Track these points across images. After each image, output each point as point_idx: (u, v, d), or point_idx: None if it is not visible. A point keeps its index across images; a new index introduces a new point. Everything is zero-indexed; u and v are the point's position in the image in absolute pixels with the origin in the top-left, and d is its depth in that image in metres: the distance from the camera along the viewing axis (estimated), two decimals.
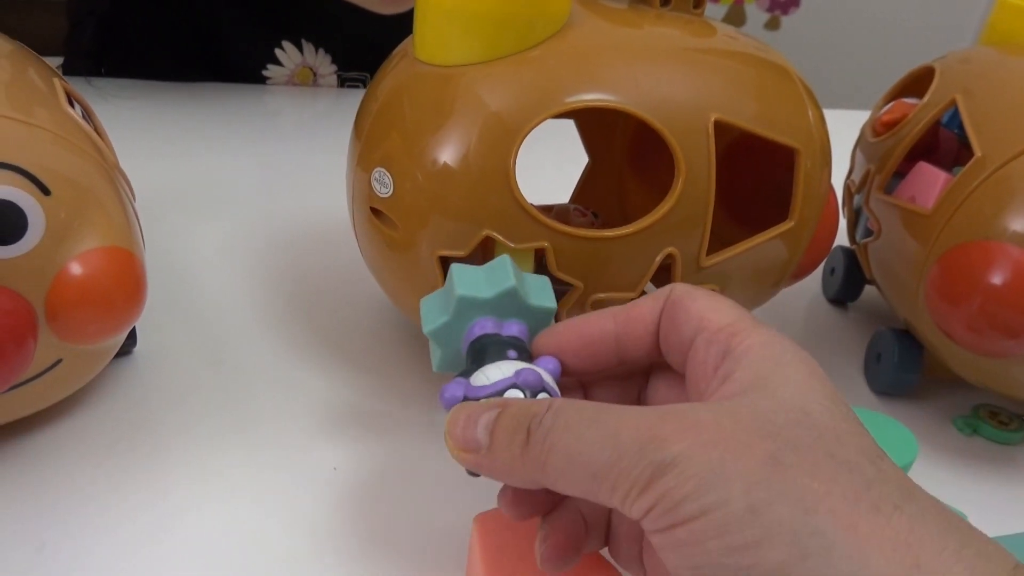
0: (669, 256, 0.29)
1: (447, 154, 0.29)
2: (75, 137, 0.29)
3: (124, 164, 0.34)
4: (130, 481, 0.30)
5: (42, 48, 0.66)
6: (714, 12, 1.36)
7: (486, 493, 0.31)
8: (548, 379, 0.23)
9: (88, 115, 0.34)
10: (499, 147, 0.28)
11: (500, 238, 0.28)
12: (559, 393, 0.24)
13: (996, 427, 0.38)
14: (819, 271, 0.50)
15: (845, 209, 0.45)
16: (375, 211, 0.31)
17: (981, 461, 0.37)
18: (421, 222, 0.30)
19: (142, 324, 0.37)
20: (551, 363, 0.24)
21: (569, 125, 0.42)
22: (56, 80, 0.31)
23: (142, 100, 0.62)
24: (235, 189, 0.53)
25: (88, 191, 0.28)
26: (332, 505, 0.30)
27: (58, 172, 0.27)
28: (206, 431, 0.32)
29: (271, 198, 0.53)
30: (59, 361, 0.28)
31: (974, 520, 0.30)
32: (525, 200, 0.28)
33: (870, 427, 0.33)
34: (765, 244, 0.31)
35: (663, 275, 0.31)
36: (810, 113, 0.32)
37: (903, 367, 0.39)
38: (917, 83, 0.42)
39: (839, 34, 1.40)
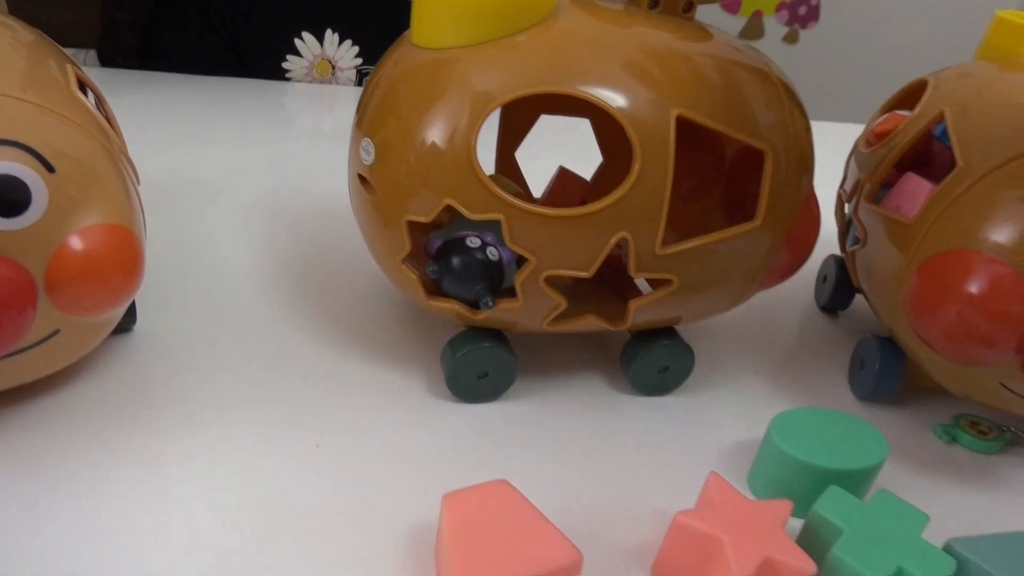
0: (623, 240, 0.31)
1: (416, 128, 0.30)
2: (82, 120, 0.30)
3: (138, 151, 0.35)
4: (124, 449, 0.31)
5: (73, 41, 0.69)
6: (734, 25, 1.37)
7: (461, 472, 0.32)
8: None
9: (100, 102, 0.36)
10: (463, 124, 0.30)
11: (459, 207, 0.30)
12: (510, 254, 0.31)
13: (975, 436, 0.38)
14: (812, 278, 0.51)
15: (836, 217, 0.46)
16: (362, 178, 0.33)
17: (958, 469, 0.37)
18: (393, 189, 0.32)
19: (143, 303, 0.38)
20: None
21: (586, 125, 0.43)
22: (69, 67, 0.33)
23: (162, 92, 0.64)
24: (242, 178, 0.55)
25: (92, 171, 0.29)
26: (312, 479, 0.31)
27: (63, 151, 0.28)
28: (198, 406, 0.34)
29: (276, 186, 0.54)
30: (57, 331, 0.29)
31: (944, 526, 0.31)
32: (484, 174, 0.30)
33: (842, 429, 0.34)
34: (727, 242, 0.32)
35: (621, 261, 0.32)
36: (787, 118, 0.33)
37: (884, 374, 0.39)
38: (912, 96, 0.42)
39: (857, 48, 1.39)
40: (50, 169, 0.28)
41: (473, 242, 0.33)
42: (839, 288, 0.47)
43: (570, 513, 0.31)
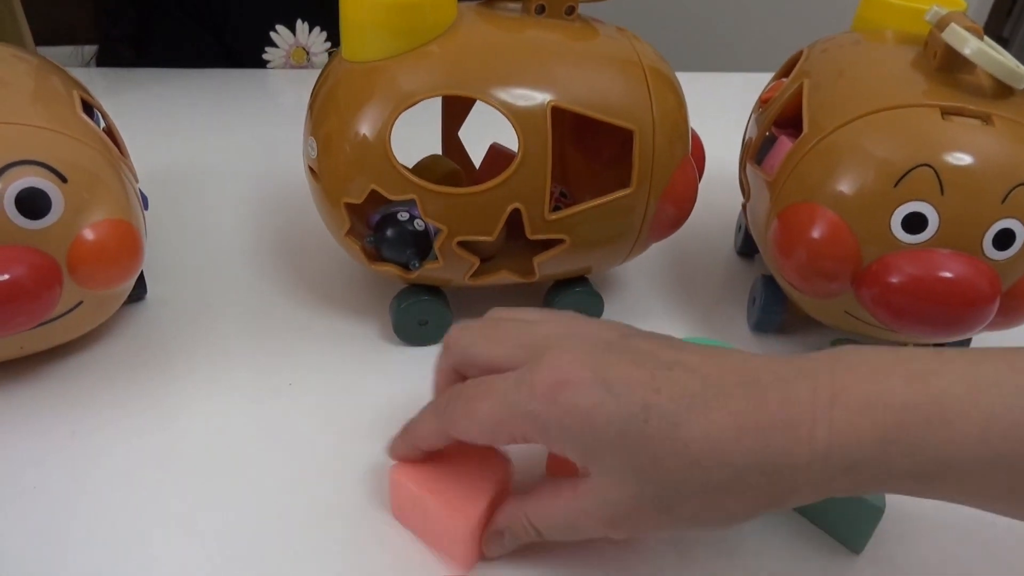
0: (516, 210, 0.38)
1: (351, 123, 0.38)
2: (87, 138, 0.38)
3: (140, 143, 0.43)
4: (140, 392, 0.40)
5: (71, 34, 0.77)
6: None
7: (406, 402, 0.40)
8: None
9: (103, 116, 0.44)
10: (378, 122, 0.37)
11: (381, 190, 0.38)
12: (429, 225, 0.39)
13: None
14: (733, 226, 0.57)
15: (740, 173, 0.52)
16: (311, 169, 0.41)
17: None
18: (333, 177, 0.39)
19: (153, 276, 0.47)
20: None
21: None
22: (75, 91, 0.41)
23: (158, 87, 0.72)
24: (233, 160, 0.63)
25: (97, 177, 0.38)
26: (288, 411, 0.40)
27: (73, 164, 0.37)
28: (199, 358, 0.43)
29: (262, 166, 0.62)
30: (80, 303, 0.38)
31: None
32: (398, 162, 0.37)
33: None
34: (607, 205, 0.40)
35: (518, 225, 0.39)
36: (654, 100, 0.39)
37: (768, 308, 0.46)
38: (792, 65, 0.48)
39: None
40: (63, 180, 0.36)
41: (403, 216, 0.41)
42: (751, 235, 0.54)
43: None
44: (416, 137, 0.47)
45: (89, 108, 0.43)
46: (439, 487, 0.33)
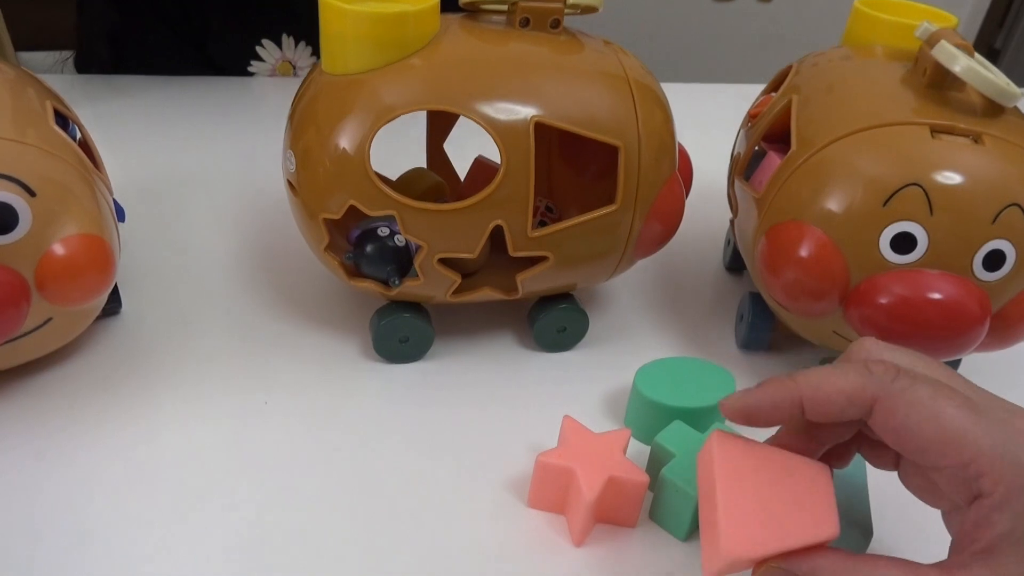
0: (498, 227, 0.37)
1: (330, 136, 0.37)
2: (59, 150, 0.37)
3: (118, 151, 0.42)
4: (113, 409, 0.39)
5: (52, 39, 0.76)
6: None
7: (385, 422, 0.39)
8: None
9: (79, 127, 0.43)
10: (357, 137, 0.36)
11: (360, 206, 0.37)
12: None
13: None
14: (722, 241, 0.57)
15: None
16: (289, 183, 0.40)
17: None
18: (312, 191, 0.39)
19: (129, 289, 0.46)
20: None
21: None
22: (48, 102, 0.40)
23: (137, 94, 0.71)
24: (214, 171, 0.61)
25: (68, 191, 0.37)
26: (266, 436, 0.39)
27: (43, 177, 0.36)
28: (175, 374, 0.42)
29: (244, 177, 0.61)
30: (49, 319, 0.37)
31: None
32: (376, 179, 0.36)
33: (699, 374, 0.40)
34: (592, 223, 0.39)
35: (501, 240, 0.38)
36: (641, 115, 0.39)
37: (756, 326, 0.46)
38: (782, 80, 0.48)
39: (831, 6, 1.41)
40: (32, 194, 0.35)
41: (383, 231, 0.40)
42: (739, 250, 0.53)
43: (470, 454, 0.39)
44: (400, 149, 0.46)
45: (64, 119, 0.42)
46: (741, 494, 0.28)
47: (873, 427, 0.27)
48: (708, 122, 0.61)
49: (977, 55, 0.39)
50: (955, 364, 0.45)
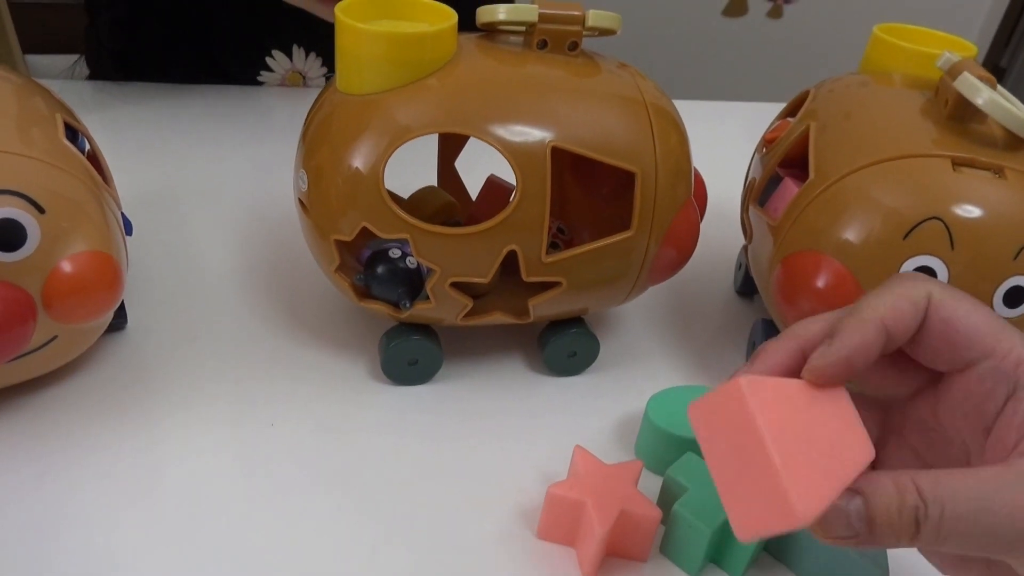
0: (512, 252, 0.37)
1: (344, 155, 0.36)
2: (68, 166, 0.37)
3: (127, 160, 0.41)
4: (118, 427, 0.38)
5: (62, 43, 0.75)
6: (717, 1, 1.39)
7: (394, 444, 0.39)
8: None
9: (88, 140, 0.42)
10: (372, 158, 0.36)
11: (373, 228, 0.36)
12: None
13: None
14: (733, 265, 0.56)
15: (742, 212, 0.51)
16: (301, 202, 0.40)
17: None
18: (322, 212, 0.38)
19: (135, 304, 0.46)
20: None
21: None
22: (59, 115, 0.40)
23: (147, 102, 0.71)
24: (224, 181, 0.61)
25: (77, 208, 0.36)
26: (272, 456, 0.38)
27: (52, 193, 0.35)
28: (180, 391, 0.41)
29: (254, 189, 0.60)
30: (55, 337, 0.37)
31: None
32: (391, 201, 0.36)
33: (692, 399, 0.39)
34: (606, 248, 0.38)
35: (512, 262, 0.38)
36: (657, 139, 0.38)
37: None
38: (798, 106, 0.47)
39: (841, 22, 1.41)
40: (41, 210, 0.34)
41: (395, 253, 0.40)
42: (751, 275, 0.53)
43: (478, 480, 0.38)
44: (411, 167, 0.46)
45: (74, 132, 0.41)
46: (791, 445, 0.23)
47: (926, 327, 0.26)
48: (721, 140, 0.61)
49: (1000, 87, 0.38)
50: None
